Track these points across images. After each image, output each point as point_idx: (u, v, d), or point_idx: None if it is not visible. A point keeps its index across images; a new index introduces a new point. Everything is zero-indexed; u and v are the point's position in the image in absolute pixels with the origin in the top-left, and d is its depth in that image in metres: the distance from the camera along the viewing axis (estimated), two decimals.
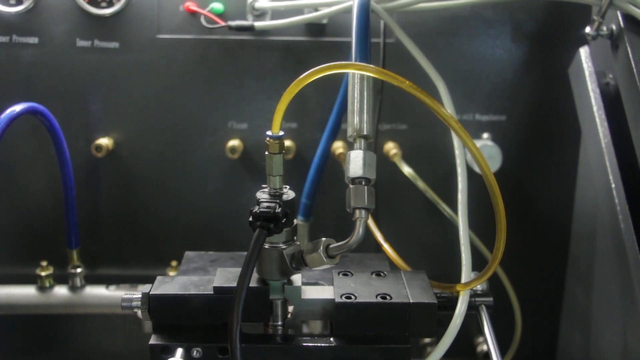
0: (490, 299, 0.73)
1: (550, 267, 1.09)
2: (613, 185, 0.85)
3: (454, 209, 0.91)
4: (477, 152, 0.61)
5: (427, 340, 1.09)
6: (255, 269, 0.67)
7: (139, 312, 0.69)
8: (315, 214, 1.00)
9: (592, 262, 0.99)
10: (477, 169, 0.94)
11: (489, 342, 0.71)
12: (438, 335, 0.70)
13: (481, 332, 1.10)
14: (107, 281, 1.05)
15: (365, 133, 0.65)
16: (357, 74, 0.68)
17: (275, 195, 0.65)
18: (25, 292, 1.03)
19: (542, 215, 1.07)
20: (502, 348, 0.72)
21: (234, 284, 0.60)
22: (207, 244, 0.92)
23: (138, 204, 1.05)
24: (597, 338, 1.00)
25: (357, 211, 0.63)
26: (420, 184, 0.97)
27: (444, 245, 0.98)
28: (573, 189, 1.04)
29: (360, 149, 0.65)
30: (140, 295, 0.68)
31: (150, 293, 0.68)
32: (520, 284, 1.03)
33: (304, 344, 0.67)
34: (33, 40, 0.99)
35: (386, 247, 0.82)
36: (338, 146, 1.00)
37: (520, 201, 1.06)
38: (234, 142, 1.00)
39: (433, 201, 0.97)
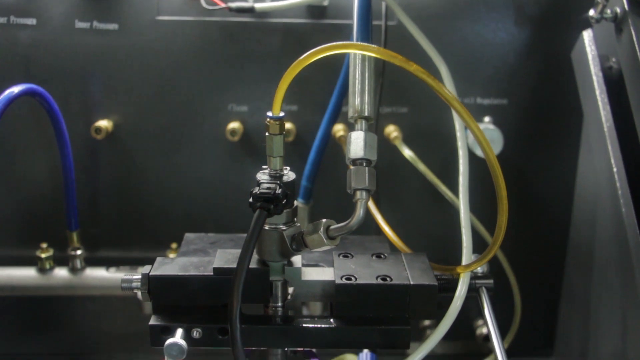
0: (491, 281, 0.73)
1: (550, 251, 1.09)
2: (615, 170, 0.84)
3: (455, 192, 0.91)
4: (480, 133, 0.61)
5: (426, 322, 1.09)
6: (255, 250, 0.66)
7: (139, 293, 0.69)
8: (315, 197, 1.00)
9: (592, 247, 0.99)
10: (478, 152, 0.94)
11: (489, 324, 0.70)
12: (438, 318, 0.70)
13: (481, 315, 1.11)
14: (107, 263, 1.05)
15: (366, 114, 0.65)
16: (358, 55, 0.68)
17: (276, 177, 0.65)
18: (25, 274, 1.03)
19: (543, 199, 1.07)
20: (501, 332, 0.72)
21: (234, 265, 0.60)
22: (207, 226, 0.92)
23: (138, 186, 1.05)
24: (596, 323, 1.00)
25: (358, 192, 0.63)
26: (421, 166, 0.97)
27: (445, 229, 0.97)
28: (574, 173, 1.04)
29: (361, 130, 0.65)
30: (140, 276, 0.68)
31: (150, 274, 0.68)
32: (520, 268, 1.03)
33: (303, 325, 0.67)
34: (31, 21, 0.98)
35: (386, 229, 0.82)
36: (339, 129, 0.99)
37: (520, 185, 1.05)
38: (234, 125, 1.00)
39: (434, 184, 0.97)
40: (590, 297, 1.01)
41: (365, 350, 0.82)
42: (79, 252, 1.03)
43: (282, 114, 0.64)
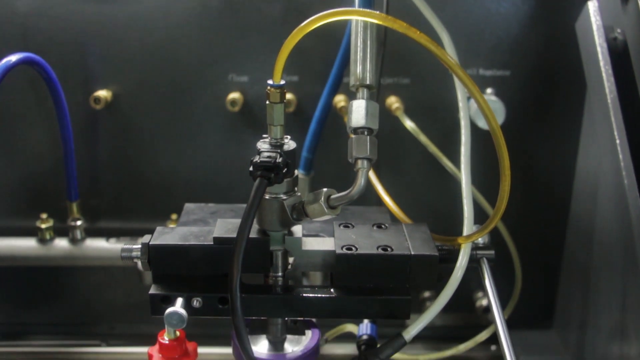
0: (492, 252, 0.73)
1: (551, 224, 1.09)
2: (618, 142, 0.84)
3: (456, 163, 0.91)
4: (483, 101, 0.60)
5: (426, 294, 1.09)
6: (255, 219, 0.66)
7: (139, 263, 0.69)
8: (316, 169, 0.99)
9: (593, 220, 0.99)
10: (480, 124, 0.94)
11: (489, 295, 0.70)
12: (438, 289, 0.70)
13: (481, 288, 1.12)
14: (107, 234, 1.05)
15: (368, 82, 0.64)
16: (360, 23, 0.67)
17: (276, 145, 0.65)
18: (26, 244, 1.04)
19: (545, 171, 1.07)
20: (501, 304, 0.72)
21: (234, 235, 0.60)
22: (207, 196, 0.92)
23: (137, 156, 1.05)
24: (596, 296, 1.00)
25: (359, 161, 0.62)
26: (423, 138, 0.96)
27: (446, 201, 0.97)
28: (576, 145, 1.03)
29: (362, 98, 0.64)
30: (139, 246, 0.68)
31: (150, 243, 0.68)
32: (520, 240, 1.03)
33: (304, 295, 0.67)
34: None
35: (387, 199, 0.82)
36: (339, 99, 0.98)
37: (522, 158, 1.05)
38: (234, 95, 0.99)
39: (435, 156, 0.96)
40: (590, 270, 1.01)
41: (366, 321, 0.82)
42: (79, 222, 1.03)
43: (282, 81, 0.63)
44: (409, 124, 0.97)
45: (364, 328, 0.81)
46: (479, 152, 0.82)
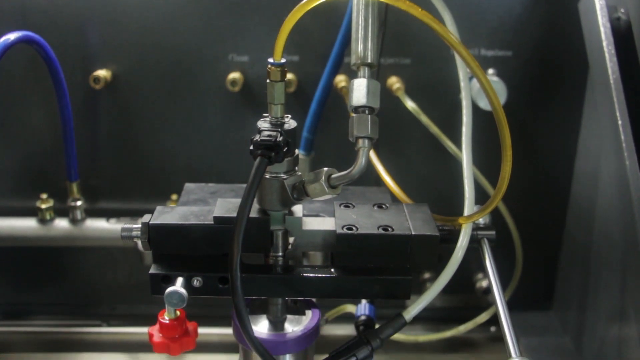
0: (493, 232, 0.73)
1: (551, 205, 1.09)
2: (620, 122, 0.83)
3: (457, 144, 0.90)
4: (485, 80, 0.60)
5: (426, 276, 1.09)
6: (255, 199, 0.66)
7: (139, 243, 0.68)
8: (316, 149, 0.99)
9: (594, 201, 0.99)
10: (481, 104, 0.93)
11: (490, 275, 0.70)
12: (438, 271, 0.70)
13: (481, 269, 1.12)
14: (107, 214, 1.05)
15: (369, 61, 0.63)
16: (361, 1, 0.66)
17: (277, 124, 0.64)
18: (26, 224, 1.04)
19: (546, 153, 1.07)
20: (502, 285, 0.72)
21: (235, 214, 0.59)
22: (207, 177, 0.92)
23: (137, 136, 1.04)
24: (596, 278, 1.00)
25: (360, 140, 0.62)
26: (424, 118, 0.96)
27: (446, 182, 0.97)
28: (578, 127, 1.03)
29: (363, 77, 0.63)
30: (140, 225, 0.68)
31: (150, 223, 0.67)
32: (521, 221, 1.03)
33: (304, 275, 0.67)
34: None
35: (387, 179, 0.81)
36: (340, 80, 0.98)
37: (523, 139, 1.04)
38: (234, 75, 0.99)
39: (436, 136, 0.96)
40: (590, 251, 1.01)
41: (364, 302, 0.82)
42: (79, 203, 1.03)
43: (283, 60, 0.63)
44: (410, 104, 0.97)
45: (362, 309, 0.82)
46: (479, 134, 0.82)
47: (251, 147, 0.61)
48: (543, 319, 1.16)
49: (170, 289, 0.65)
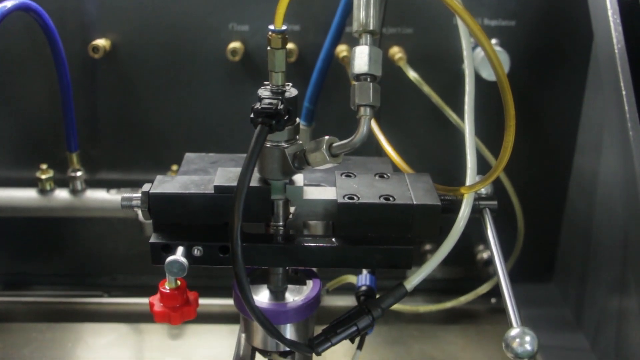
0: (495, 202, 0.72)
1: (553, 176, 1.09)
2: (624, 93, 0.82)
3: (460, 115, 0.89)
4: (490, 48, 0.59)
5: (427, 247, 1.09)
6: (256, 168, 0.66)
7: (139, 213, 0.68)
8: (317, 120, 0.98)
9: (597, 172, 0.98)
10: (484, 74, 0.92)
11: (491, 245, 0.70)
12: (439, 243, 0.70)
13: (482, 241, 1.12)
14: (107, 185, 1.04)
15: (371, 28, 0.62)
16: None
17: (278, 92, 0.63)
18: (26, 195, 1.04)
19: (548, 124, 1.06)
20: (503, 256, 0.72)
21: (235, 183, 0.59)
22: (207, 147, 0.91)
23: (137, 107, 1.04)
24: (597, 248, 1.00)
25: (362, 108, 0.61)
26: (426, 88, 0.95)
27: (448, 152, 0.96)
28: (581, 97, 1.02)
29: (365, 44, 0.62)
30: (140, 195, 0.67)
31: (150, 192, 0.67)
32: (523, 192, 1.02)
33: (305, 244, 0.67)
34: None
35: (389, 149, 0.81)
36: (342, 49, 0.97)
37: (526, 109, 1.04)
38: (235, 45, 0.98)
39: (439, 106, 0.95)
40: (592, 223, 1.00)
41: (365, 272, 0.82)
42: (79, 173, 1.03)
43: (284, 27, 0.62)
44: (412, 74, 0.96)
45: (363, 279, 0.81)
46: (482, 105, 0.81)
47: (252, 115, 0.61)
48: (543, 290, 1.17)
49: (170, 257, 0.65)
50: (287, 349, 0.71)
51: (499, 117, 0.63)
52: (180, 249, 0.66)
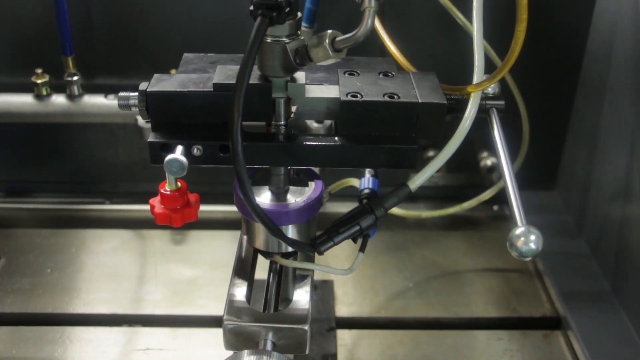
0: (502, 102, 0.70)
1: (561, 81, 1.07)
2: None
3: (467, 15, 0.86)
4: None
5: (430, 153, 1.08)
6: (256, 65, 0.63)
7: (138, 116, 0.66)
8: (319, 22, 0.95)
9: (605, 78, 0.96)
10: None
11: (498, 146, 0.68)
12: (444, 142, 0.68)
13: (485, 147, 1.11)
14: (104, 91, 1.03)
15: None
16: None
17: None
18: (23, 100, 1.02)
19: (558, 28, 1.03)
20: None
21: (235, 81, 0.57)
22: (207, 50, 0.88)
23: (133, 9, 1.00)
24: (602, 154, 0.99)
25: (366, 0, 0.58)
26: None
27: (454, 53, 0.93)
28: (593, 2, 0.99)
29: None
30: (137, 94, 0.65)
31: (148, 90, 0.65)
32: (529, 96, 1.00)
33: (307, 143, 0.65)
34: None
35: (393, 49, 0.78)
36: None
37: (536, 11, 1.00)
38: None
39: (445, 6, 0.92)
40: (599, 127, 0.99)
41: (367, 175, 0.81)
42: (75, 78, 1.00)
43: None
44: None
45: (366, 182, 0.80)
46: (490, 8, 0.78)
47: (251, 7, 0.58)
48: (546, 198, 1.17)
49: (169, 156, 0.63)
50: (289, 249, 0.71)
51: (507, 22, 0.60)
52: (179, 148, 0.64)
